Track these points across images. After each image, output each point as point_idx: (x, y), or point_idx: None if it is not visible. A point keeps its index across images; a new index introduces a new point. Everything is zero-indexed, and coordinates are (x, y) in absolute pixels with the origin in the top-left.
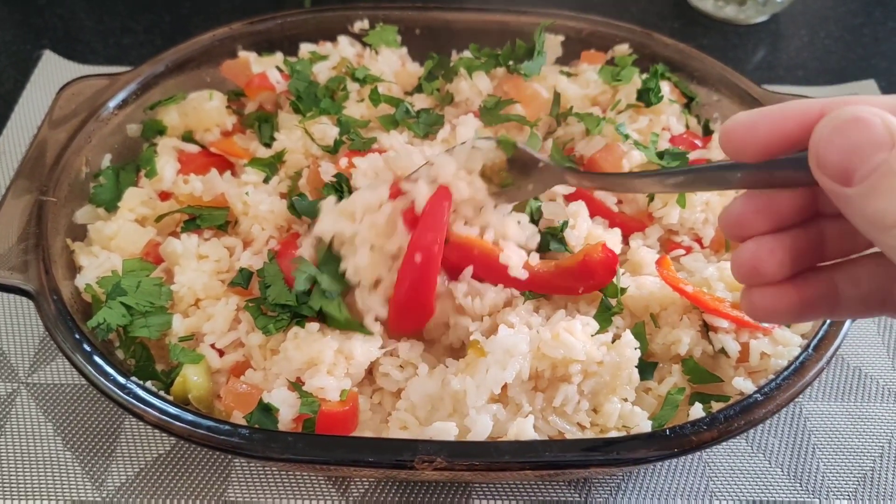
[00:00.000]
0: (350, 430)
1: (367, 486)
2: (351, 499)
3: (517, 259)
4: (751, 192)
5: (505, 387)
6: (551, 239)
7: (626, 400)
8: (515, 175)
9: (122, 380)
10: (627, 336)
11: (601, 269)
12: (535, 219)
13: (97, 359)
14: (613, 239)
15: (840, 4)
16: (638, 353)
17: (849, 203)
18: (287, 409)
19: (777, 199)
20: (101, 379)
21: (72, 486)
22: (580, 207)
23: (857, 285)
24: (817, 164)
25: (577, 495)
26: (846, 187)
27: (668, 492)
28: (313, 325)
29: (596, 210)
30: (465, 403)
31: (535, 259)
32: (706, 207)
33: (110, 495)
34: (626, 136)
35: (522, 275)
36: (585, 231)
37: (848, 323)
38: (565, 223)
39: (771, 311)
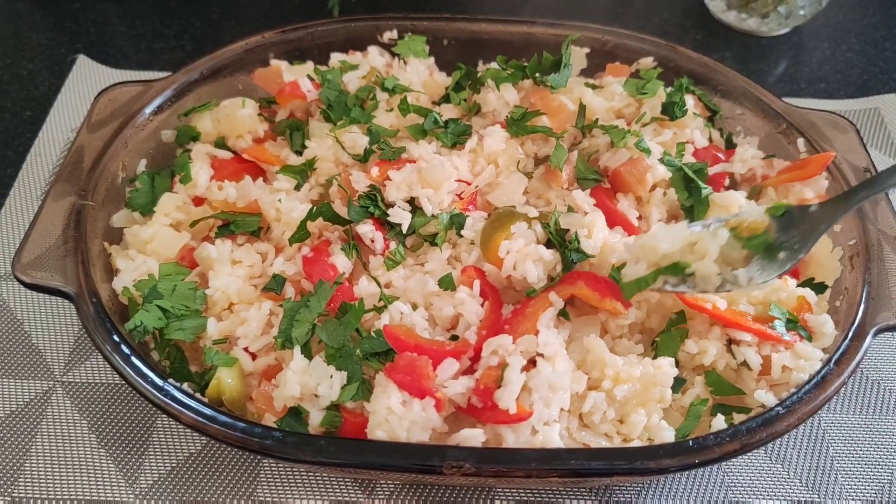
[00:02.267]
0: None
1: (392, 489)
2: (377, 501)
3: None
4: None
5: None
6: (571, 254)
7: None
8: (776, 230)
9: (159, 381)
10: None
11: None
12: (555, 229)
13: (135, 360)
14: None
15: (862, 17)
16: (675, 372)
17: None
18: (317, 413)
19: None
20: (139, 380)
21: (105, 483)
22: (597, 217)
23: None
24: None
25: (597, 500)
26: None
27: (687, 499)
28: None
29: (616, 221)
30: None
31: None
32: None
33: (143, 492)
34: (648, 152)
35: None
36: (601, 240)
37: (869, 337)
38: (577, 234)
39: None
